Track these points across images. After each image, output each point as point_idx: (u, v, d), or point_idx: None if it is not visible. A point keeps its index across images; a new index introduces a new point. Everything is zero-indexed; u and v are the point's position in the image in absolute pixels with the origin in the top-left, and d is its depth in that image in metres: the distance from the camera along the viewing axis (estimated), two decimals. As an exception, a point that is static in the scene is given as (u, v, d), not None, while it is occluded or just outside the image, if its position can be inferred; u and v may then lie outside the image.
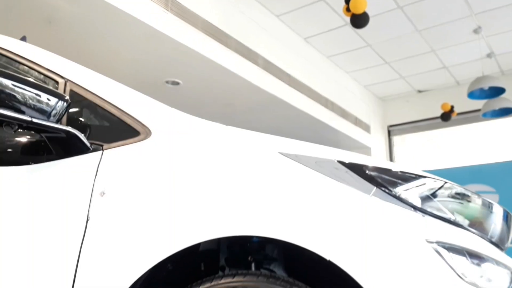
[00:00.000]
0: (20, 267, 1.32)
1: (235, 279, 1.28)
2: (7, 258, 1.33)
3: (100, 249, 1.30)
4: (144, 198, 1.35)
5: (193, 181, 1.36)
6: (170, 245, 1.27)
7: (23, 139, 1.52)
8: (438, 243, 1.25)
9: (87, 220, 1.33)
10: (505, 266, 1.32)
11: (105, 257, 1.29)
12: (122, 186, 1.38)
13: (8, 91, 1.32)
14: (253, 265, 1.47)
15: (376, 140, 8.16)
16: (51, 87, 1.44)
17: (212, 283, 1.28)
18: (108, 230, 1.32)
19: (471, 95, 6.05)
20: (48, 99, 1.37)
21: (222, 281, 1.28)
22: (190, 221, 1.30)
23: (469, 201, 1.46)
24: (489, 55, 6.82)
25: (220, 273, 1.34)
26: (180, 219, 1.30)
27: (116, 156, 1.44)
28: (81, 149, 1.44)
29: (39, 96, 1.36)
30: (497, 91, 5.96)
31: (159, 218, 1.32)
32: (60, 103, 1.39)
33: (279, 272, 1.49)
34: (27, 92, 1.34)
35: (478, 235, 1.36)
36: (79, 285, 1.28)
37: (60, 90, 1.52)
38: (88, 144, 1.44)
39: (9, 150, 1.55)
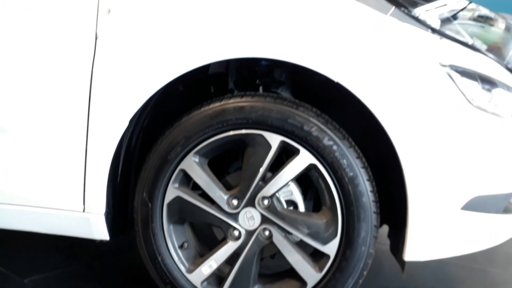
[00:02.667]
0: (32, 91, 1.35)
1: (243, 99, 1.31)
2: (20, 82, 1.36)
3: (111, 67, 1.31)
4: (151, 15, 1.31)
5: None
6: (180, 64, 1.28)
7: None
8: (451, 66, 1.23)
9: (96, 38, 1.31)
10: (516, 92, 1.31)
11: (116, 76, 1.31)
12: (128, 3, 1.32)
13: None
14: (261, 88, 1.49)
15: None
16: None
17: (222, 103, 1.32)
18: (117, 49, 1.31)
19: None
20: None
21: (231, 101, 1.31)
22: (199, 41, 1.28)
23: (491, 25, 1.39)
24: None
25: (229, 94, 1.37)
26: (189, 38, 1.28)
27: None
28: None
29: None
30: None
31: (167, 37, 1.29)
32: None
33: (286, 95, 1.51)
34: None
35: (495, 60, 1.32)
36: (94, 105, 1.32)
37: None
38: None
39: None
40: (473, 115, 1.24)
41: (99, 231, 1.40)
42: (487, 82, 1.27)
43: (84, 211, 1.38)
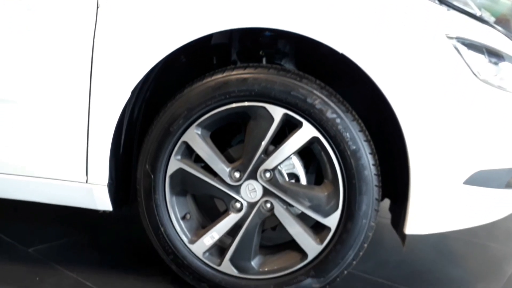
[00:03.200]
0: (35, 63, 1.34)
1: (246, 70, 1.29)
2: (24, 54, 1.35)
3: (113, 37, 1.29)
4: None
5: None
6: (182, 34, 1.26)
7: None
8: (458, 39, 1.21)
9: (97, 7, 1.29)
10: (524, 66, 1.29)
11: (118, 46, 1.29)
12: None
13: None
14: (264, 59, 1.47)
15: None
16: None
17: (224, 74, 1.30)
18: (119, 18, 1.29)
19: None
20: None
21: (234, 72, 1.30)
22: (201, 10, 1.25)
23: (500, -4, 1.36)
24: None
25: (232, 66, 1.35)
26: (191, 7, 1.26)
27: None
28: None
29: None
30: None
31: (169, 6, 1.27)
32: None
33: (290, 67, 1.50)
34: None
35: (503, 33, 1.30)
36: (96, 76, 1.31)
37: None
38: None
39: None
40: (479, 89, 1.22)
41: (102, 202, 1.41)
42: (494, 55, 1.25)
43: (87, 182, 1.38)
